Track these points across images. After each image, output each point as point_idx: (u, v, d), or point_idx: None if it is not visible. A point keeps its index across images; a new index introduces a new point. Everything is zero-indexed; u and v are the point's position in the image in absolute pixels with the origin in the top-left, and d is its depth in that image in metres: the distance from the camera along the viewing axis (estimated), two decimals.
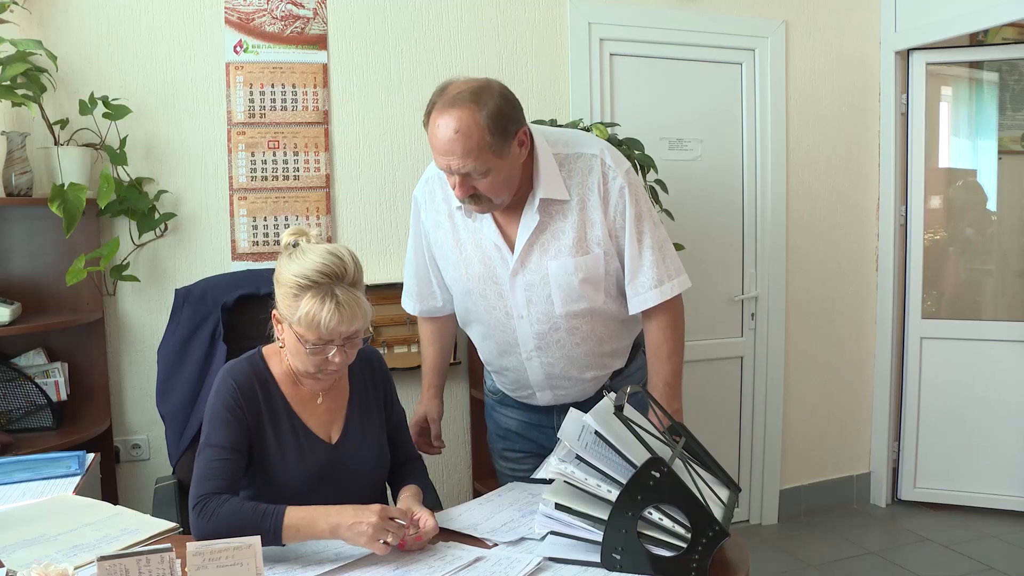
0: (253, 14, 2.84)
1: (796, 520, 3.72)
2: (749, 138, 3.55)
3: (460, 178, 1.68)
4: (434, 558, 1.44)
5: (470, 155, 1.64)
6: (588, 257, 1.79)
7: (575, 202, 1.79)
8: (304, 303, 1.52)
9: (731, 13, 3.46)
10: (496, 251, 1.84)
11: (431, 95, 1.73)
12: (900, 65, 3.70)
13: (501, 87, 1.72)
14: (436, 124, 1.67)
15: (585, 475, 1.39)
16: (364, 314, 1.56)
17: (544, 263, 1.80)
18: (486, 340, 1.98)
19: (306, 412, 1.67)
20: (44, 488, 1.78)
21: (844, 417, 3.86)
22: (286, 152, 2.90)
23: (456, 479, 3.20)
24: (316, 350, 1.55)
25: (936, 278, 3.86)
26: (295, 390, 1.67)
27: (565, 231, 1.79)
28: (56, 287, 2.63)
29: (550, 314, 1.83)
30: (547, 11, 3.19)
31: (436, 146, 1.68)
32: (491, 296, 1.88)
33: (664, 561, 1.33)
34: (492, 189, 1.71)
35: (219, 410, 1.59)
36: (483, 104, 1.65)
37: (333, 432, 1.69)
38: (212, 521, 1.44)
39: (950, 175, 3.90)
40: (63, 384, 2.59)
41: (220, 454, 1.54)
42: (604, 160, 1.79)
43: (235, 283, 2.22)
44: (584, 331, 1.86)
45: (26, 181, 2.50)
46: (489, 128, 1.64)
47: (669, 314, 1.85)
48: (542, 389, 1.95)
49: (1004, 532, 3.48)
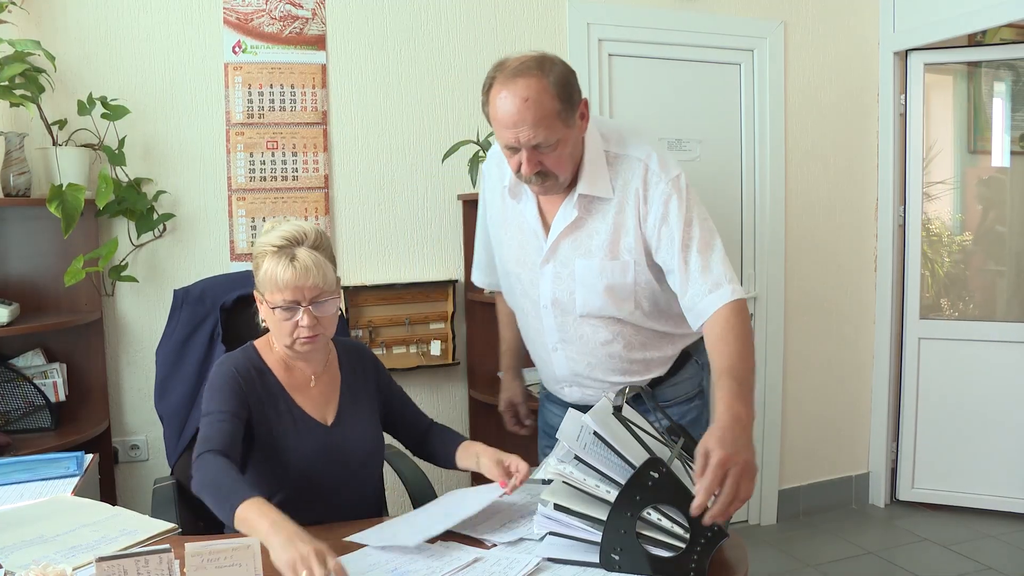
0: (252, 14, 2.84)
1: (795, 520, 3.72)
2: (748, 138, 3.55)
3: (528, 152, 1.63)
4: (432, 558, 1.43)
5: (541, 124, 1.59)
6: (616, 263, 1.74)
7: (615, 203, 1.73)
8: (266, 265, 1.63)
9: (730, 14, 3.46)
10: (534, 236, 1.83)
11: (488, 73, 1.66)
12: (898, 65, 3.70)
13: (560, 58, 1.67)
14: (500, 97, 1.61)
15: (584, 475, 1.39)
16: (323, 271, 1.63)
17: (573, 259, 1.77)
18: (523, 326, 1.98)
19: (301, 396, 1.74)
20: (42, 489, 1.78)
21: (843, 417, 3.86)
22: (285, 152, 2.90)
23: (455, 479, 3.19)
24: (285, 315, 1.63)
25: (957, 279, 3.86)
26: (289, 375, 1.74)
27: (600, 231, 1.75)
28: (54, 288, 2.63)
29: (571, 311, 1.80)
30: (546, 12, 3.19)
31: (502, 119, 1.61)
32: (525, 281, 1.87)
33: (663, 561, 1.33)
34: (559, 164, 1.66)
35: (219, 385, 1.66)
36: (548, 71, 1.61)
37: (328, 414, 1.75)
38: (200, 476, 1.51)
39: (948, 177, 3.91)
40: (61, 385, 2.59)
41: (220, 416, 1.61)
42: (649, 165, 1.72)
43: (234, 284, 2.22)
44: (608, 335, 1.81)
45: (24, 181, 2.49)
46: (558, 95, 1.60)
47: (732, 319, 1.66)
48: (569, 385, 1.92)
49: (1002, 532, 3.49)
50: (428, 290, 3.07)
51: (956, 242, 3.91)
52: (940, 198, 3.88)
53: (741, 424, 1.42)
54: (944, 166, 3.88)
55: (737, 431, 1.39)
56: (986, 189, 3.94)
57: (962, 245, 3.92)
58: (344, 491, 1.76)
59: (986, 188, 3.94)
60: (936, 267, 3.88)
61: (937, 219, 3.87)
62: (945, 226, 3.89)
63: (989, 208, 3.95)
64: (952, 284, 3.91)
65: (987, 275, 3.97)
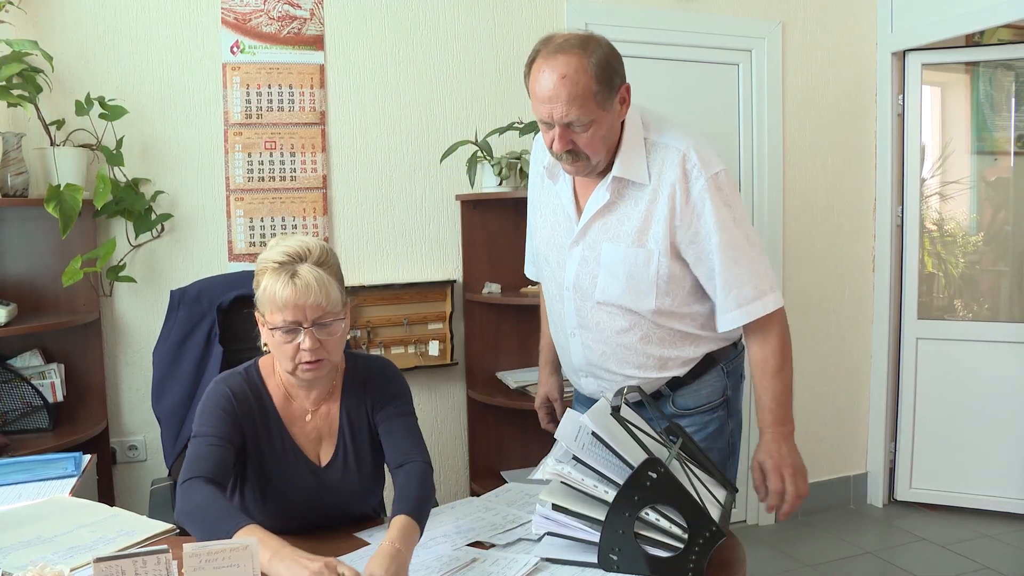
0: (250, 15, 2.84)
1: (793, 520, 3.72)
2: (746, 139, 3.56)
3: (561, 129, 1.63)
4: (431, 559, 1.44)
5: (575, 102, 1.59)
6: (642, 251, 1.70)
7: (649, 190, 1.70)
8: (265, 283, 1.51)
9: (728, 14, 3.47)
10: (566, 219, 1.82)
11: (534, 47, 1.66)
12: (896, 66, 3.70)
13: (607, 40, 1.66)
14: (540, 71, 1.61)
15: (582, 476, 1.39)
16: (326, 289, 1.50)
17: (601, 242, 1.75)
18: (549, 310, 1.98)
19: (296, 429, 1.64)
20: (40, 490, 1.78)
21: (841, 418, 3.86)
22: (283, 153, 2.90)
23: (454, 480, 3.20)
24: (285, 337, 1.50)
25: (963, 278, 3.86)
26: (287, 405, 1.64)
27: (631, 217, 1.72)
28: (52, 288, 2.62)
29: (590, 296, 1.78)
30: (544, 12, 3.20)
31: (539, 94, 1.62)
32: (553, 263, 1.86)
33: (661, 562, 1.33)
34: (591, 145, 1.65)
35: (211, 407, 1.57)
36: (591, 52, 1.60)
37: (323, 454, 1.65)
38: (185, 503, 1.42)
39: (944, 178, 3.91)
40: (59, 385, 2.58)
41: (211, 441, 1.52)
42: (688, 156, 1.68)
43: (231, 284, 2.22)
44: (624, 323, 1.77)
45: (22, 182, 2.49)
46: (596, 76, 1.59)
47: (772, 329, 1.73)
48: (585, 375, 1.89)
49: (999, 532, 3.49)
50: (426, 290, 3.07)
51: (959, 243, 3.90)
52: (942, 198, 3.88)
53: (783, 436, 1.76)
54: (947, 167, 3.87)
55: (780, 443, 1.75)
56: (990, 190, 3.93)
57: (970, 247, 3.91)
58: (337, 525, 1.66)
59: (990, 189, 3.93)
60: (950, 268, 3.88)
61: (950, 220, 3.86)
62: (959, 227, 3.88)
63: (992, 209, 3.95)
64: (966, 285, 3.91)
65: (990, 276, 3.96)
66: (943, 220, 3.90)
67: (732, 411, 1.89)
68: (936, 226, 3.90)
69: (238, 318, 2.17)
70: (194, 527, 1.39)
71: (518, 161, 2.97)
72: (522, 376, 3.03)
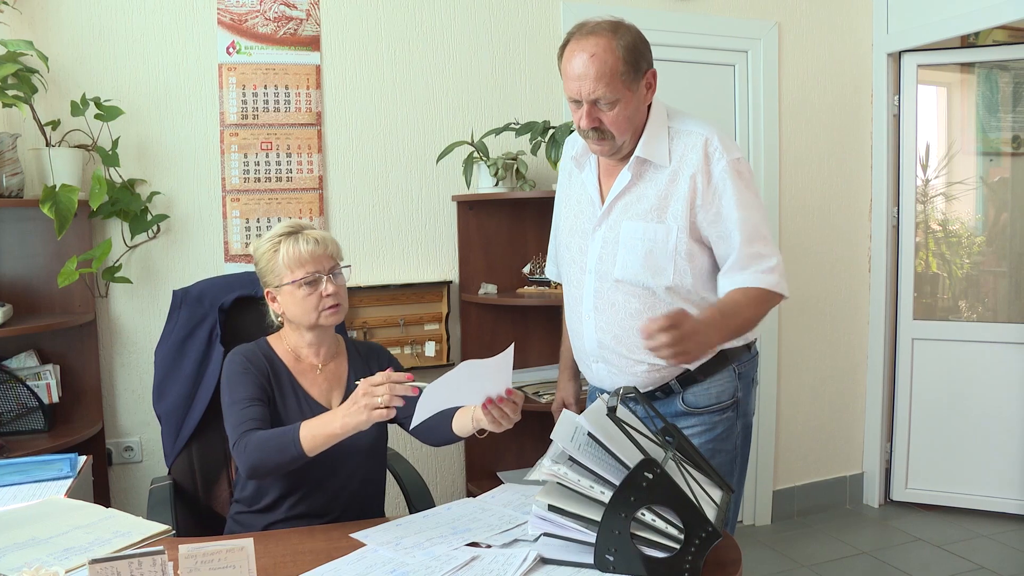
0: (246, 15, 2.84)
1: (789, 521, 3.73)
2: (742, 139, 3.56)
3: (588, 106, 1.73)
4: (429, 559, 1.44)
5: (602, 79, 1.70)
6: (661, 226, 1.78)
7: (669, 171, 1.79)
8: (283, 249, 1.80)
9: (724, 14, 3.47)
10: (590, 204, 1.90)
11: (568, 32, 1.78)
12: (892, 67, 3.71)
13: (637, 28, 1.77)
14: (572, 52, 1.73)
15: (578, 476, 1.39)
16: (335, 242, 1.85)
17: (621, 221, 1.82)
18: (566, 297, 2.01)
19: (307, 381, 1.85)
20: (35, 491, 1.78)
21: (837, 418, 3.87)
22: (279, 153, 2.90)
23: (450, 480, 3.20)
24: (308, 289, 1.78)
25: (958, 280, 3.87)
26: (297, 363, 1.86)
27: (648, 196, 1.80)
28: (48, 289, 2.62)
29: (610, 274, 1.84)
30: (540, 13, 3.20)
31: (569, 72, 1.74)
32: (574, 249, 1.93)
33: (657, 562, 1.33)
34: (616, 123, 1.74)
35: (234, 373, 1.79)
36: (620, 35, 1.72)
37: (334, 399, 1.85)
38: (246, 453, 1.63)
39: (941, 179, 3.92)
40: (55, 386, 2.58)
41: (246, 403, 1.72)
42: (711, 140, 1.77)
43: (232, 285, 2.23)
44: (638, 305, 1.81)
45: (17, 182, 2.49)
46: (624, 58, 1.70)
47: (764, 301, 1.76)
48: (596, 360, 1.91)
49: (995, 532, 3.50)
50: (423, 291, 3.07)
51: (963, 244, 3.91)
52: (947, 199, 3.88)
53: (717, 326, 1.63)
54: (952, 167, 3.88)
55: (709, 328, 1.60)
56: (992, 191, 3.94)
57: (975, 248, 3.92)
58: (345, 477, 1.81)
59: (993, 190, 3.94)
60: (954, 269, 3.89)
61: (954, 221, 3.87)
62: (964, 227, 3.89)
63: (994, 210, 3.95)
64: (970, 286, 3.91)
65: (991, 277, 3.97)
66: (947, 221, 3.90)
67: (741, 413, 1.91)
68: (941, 227, 3.90)
69: (240, 319, 2.18)
70: (269, 459, 1.62)
71: (514, 162, 2.98)
72: (518, 377, 3.03)
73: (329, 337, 1.90)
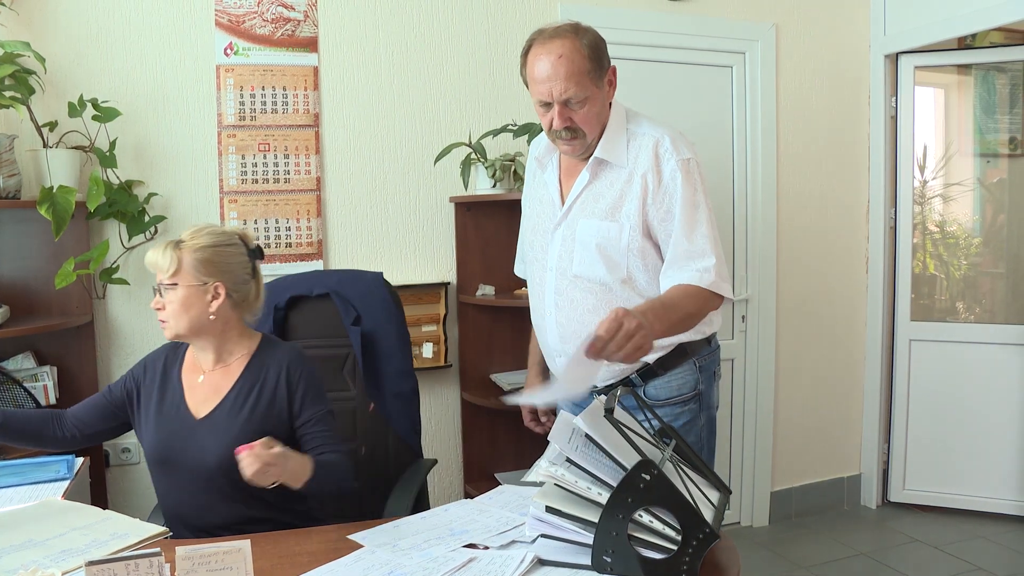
0: (243, 16, 2.84)
1: (787, 522, 3.73)
2: (739, 141, 3.56)
3: (559, 107, 1.78)
4: (426, 560, 1.43)
5: (572, 78, 1.75)
6: (614, 224, 1.83)
7: (626, 172, 1.84)
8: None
9: (721, 16, 3.47)
10: (551, 204, 1.95)
11: (528, 38, 1.83)
12: (889, 68, 3.72)
13: (592, 27, 1.84)
14: (538, 57, 1.78)
15: (575, 478, 1.39)
16: (163, 258, 1.73)
17: (578, 220, 1.88)
18: (530, 294, 2.05)
19: (190, 387, 1.82)
20: (32, 493, 1.77)
21: (834, 419, 3.87)
22: (276, 155, 2.90)
23: (447, 482, 3.20)
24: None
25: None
26: (192, 368, 1.85)
27: (606, 195, 1.85)
28: (45, 290, 2.61)
29: (568, 271, 1.89)
30: (537, 15, 3.20)
31: (537, 76, 1.78)
32: (537, 247, 1.98)
33: (654, 563, 1.33)
34: (587, 121, 1.80)
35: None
36: (583, 35, 1.79)
37: (203, 409, 1.79)
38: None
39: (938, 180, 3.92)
40: (52, 388, 2.58)
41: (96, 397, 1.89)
42: (661, 142, 1.82)
43: (289, 286, 2.33)
44: (595, 301, 1.86)
45: (15, 184, 2.48)
46: (589, 56, 1.77)
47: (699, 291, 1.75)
48: (559, 355, 1.95)
49: (992, 533, 3.50)
50: (420, 292, 3.07)
51: (961, 245, 3.91)
52: (944, 200, 3.88)
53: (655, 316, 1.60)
54: (950, 168, 3.88)
55: (649, 315, 1.57)
56: (990, 192, 3.94)
57: (972, 249, 3.92)
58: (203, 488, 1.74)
59: (991, 191, 3.94)
60: (952, 270, 3.89)
61: (952, 222, 3.87)
62: (962, 229, 3.89)
63: (992, 211, 3.96)
64: (968, 287, 3.92)
65: (988, 278, 3.97)
66: (944, 222, 3.91)
67: (705, 406, 1.96)
68: (938, 228, 3.91)
69: (290, 317, 2.31)
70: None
71: (512, 163, 2.98)
72: (516, 378, 3.03)
73: (214, 344, 1.81)
